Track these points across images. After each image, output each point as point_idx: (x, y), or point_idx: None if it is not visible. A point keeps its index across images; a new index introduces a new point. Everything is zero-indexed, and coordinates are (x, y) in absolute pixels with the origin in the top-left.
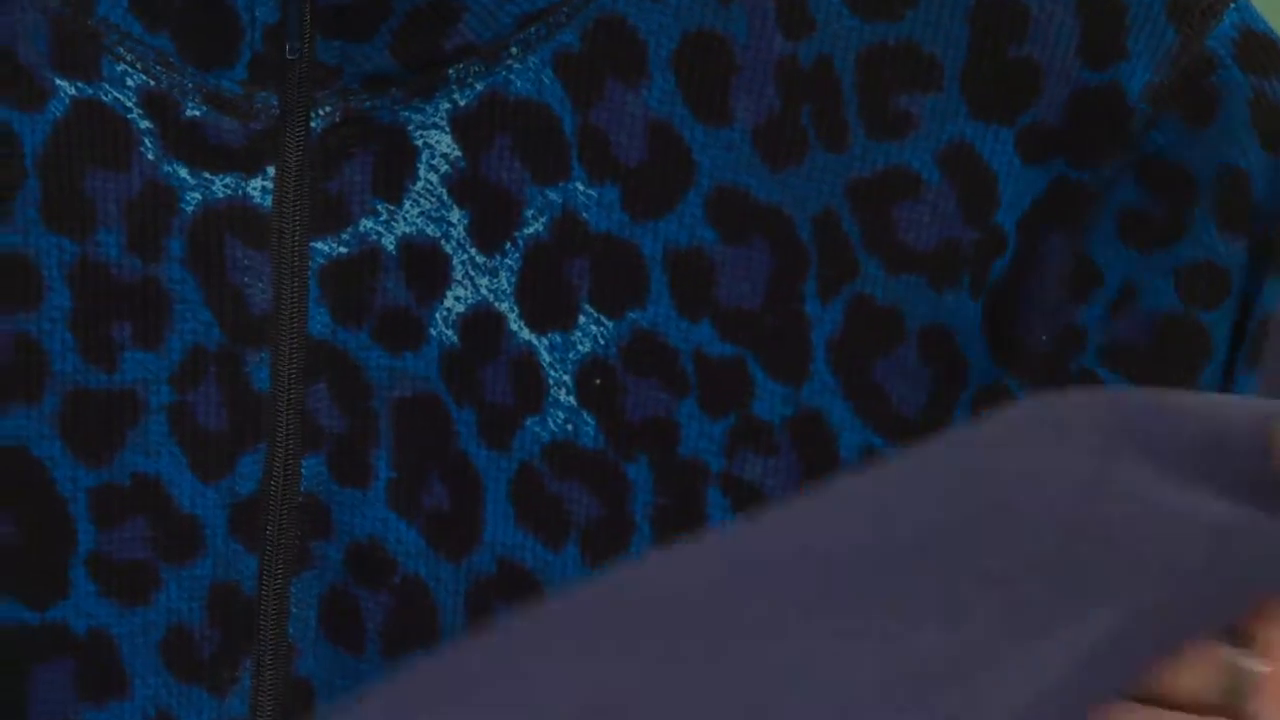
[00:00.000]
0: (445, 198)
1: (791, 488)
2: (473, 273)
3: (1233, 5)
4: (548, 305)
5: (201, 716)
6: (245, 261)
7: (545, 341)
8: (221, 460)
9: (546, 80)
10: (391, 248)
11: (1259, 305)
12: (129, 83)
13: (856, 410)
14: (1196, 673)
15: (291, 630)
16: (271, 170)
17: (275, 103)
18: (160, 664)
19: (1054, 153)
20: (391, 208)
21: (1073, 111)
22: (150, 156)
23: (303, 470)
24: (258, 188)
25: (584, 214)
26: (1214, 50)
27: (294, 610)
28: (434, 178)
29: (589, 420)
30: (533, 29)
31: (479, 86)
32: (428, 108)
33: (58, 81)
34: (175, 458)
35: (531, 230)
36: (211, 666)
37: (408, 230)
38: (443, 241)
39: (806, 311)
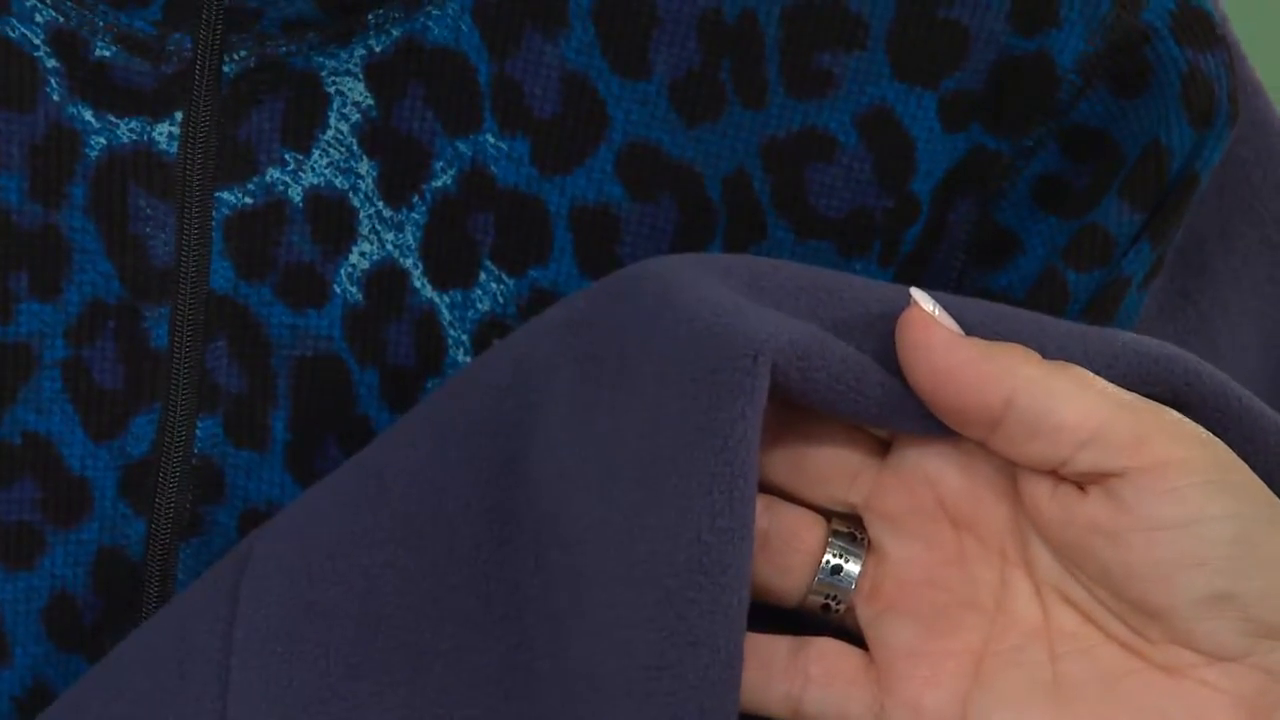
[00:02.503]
0: (355, 148)
1: None
2: (379, 227)
3: None
4: (450, 262)
5: None
6: (148, 211)
7: (446, 299)
8: (114, 420)
9: (465, 28)
10: (298, 199)
11: (1120, 268)
12: (38, 19)
13: None
14: None
15: None
16: (179, 116)
17: (189, 45)
18: (42, 632)
19: (972, 117)
20: (300, 157)
21: (996, 79)
22: (55, 98)
23: (197, 431)
24: (164, 133)
25: (492, 167)
26: (1150, 22)
27: (181, 577)
28: (344, 127)
29: None
30: None
31: (396, 33)
32: (342, 54)
33: None
34: (67, 416)
35: (439, 183)
36: (94, 635)
37: (315, 181)
38: (350, 194)
39: None
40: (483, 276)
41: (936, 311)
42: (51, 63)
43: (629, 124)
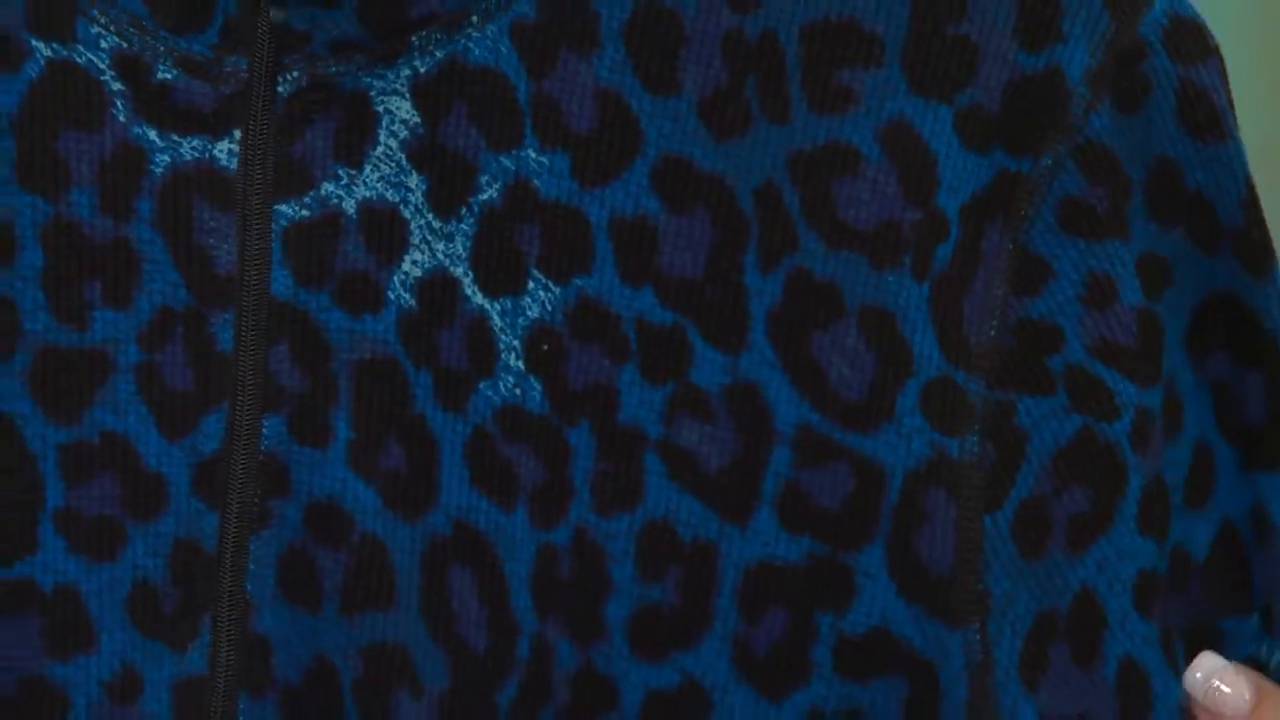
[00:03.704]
0: (404, 163)
1: (728, 457)
2: (430, 237)
3: None
4: (500, 271)
5: (163, 671)
6: (212, 223)
7: (497, 306)
8: (186, 419)
9: (504, 49)
10: (352, 211)
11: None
12: (103, 45)
13: (795, 384)
14: None
15: (250, 588)
16: (238, 133)
17: (245, 67)
18: (126, 619)
19: (994, 140)
20: (352, 172)
21: (1010, 98)
22: (121, 118)
23: (264, 429)
24: (224, 150)
25: (535, 181)
26: (1145, 36)
27: (252, 568)
28: (393, 143)
29: (535, 385)
30: None
31: (439, 54)
32: (389, 74)
33: (34, 43)
34: (142, 416)
35: (486, 196)
36: (173, 622)
37: (367, 194)
38: (401, 206)
39: (746, 283)
40: (531, 285)
41: None
42: (117, 85)
43: (662, 139)
